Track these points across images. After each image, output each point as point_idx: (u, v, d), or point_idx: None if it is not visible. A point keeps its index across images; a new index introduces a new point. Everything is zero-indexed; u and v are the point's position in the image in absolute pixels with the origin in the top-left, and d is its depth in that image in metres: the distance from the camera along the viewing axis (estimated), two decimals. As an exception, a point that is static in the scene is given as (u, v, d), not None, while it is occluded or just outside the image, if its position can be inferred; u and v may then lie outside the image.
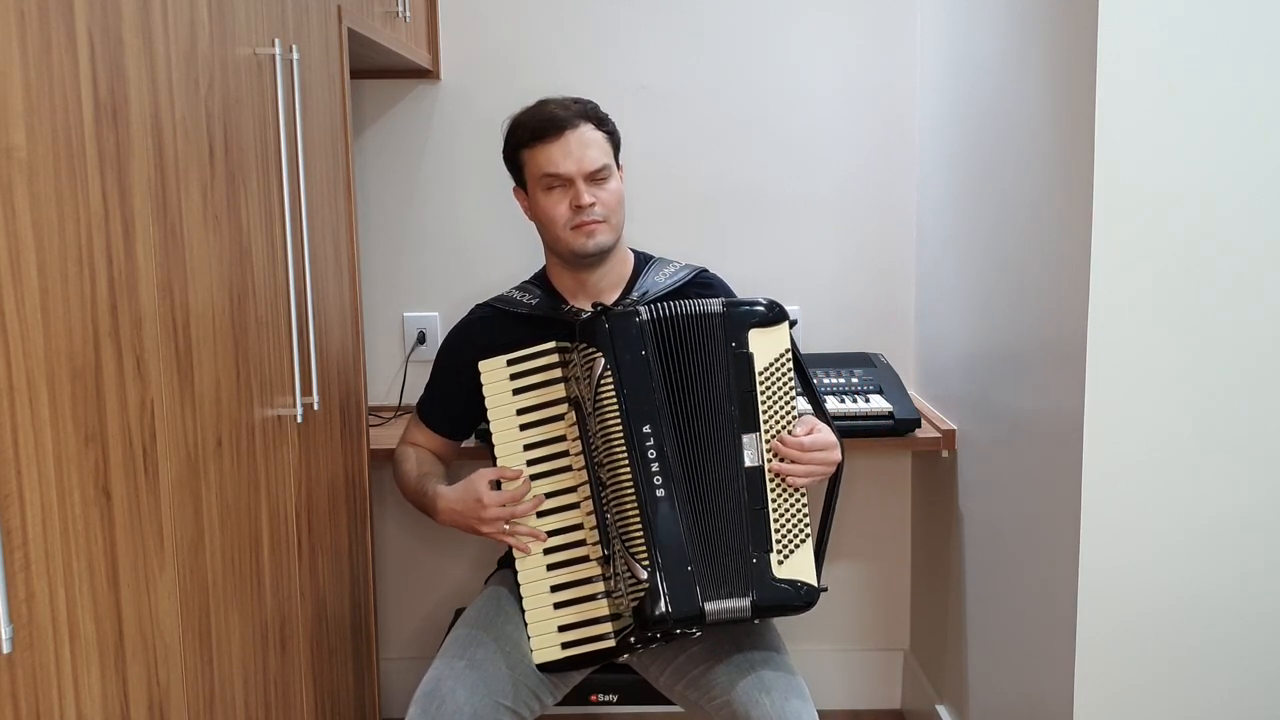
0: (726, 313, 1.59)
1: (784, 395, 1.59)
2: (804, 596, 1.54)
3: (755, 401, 1.57)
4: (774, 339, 1.59)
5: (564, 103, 1.72)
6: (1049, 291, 1.57)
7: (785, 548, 1.55)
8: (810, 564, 1.56)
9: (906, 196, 2.32)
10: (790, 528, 1.56)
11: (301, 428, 1.40)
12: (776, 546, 1.54)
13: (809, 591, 1.54)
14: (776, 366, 1.59)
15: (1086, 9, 1.40)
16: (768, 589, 1.53)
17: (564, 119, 1.69)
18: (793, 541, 1.56)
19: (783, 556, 1.54)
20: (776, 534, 1.54)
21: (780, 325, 1.60)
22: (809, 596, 1.54)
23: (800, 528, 1.57)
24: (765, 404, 1.57)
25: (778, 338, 1.60)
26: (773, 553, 1.54)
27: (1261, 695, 1.49)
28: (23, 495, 0.79)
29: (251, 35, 1.25)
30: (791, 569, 1.54)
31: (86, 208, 0.87)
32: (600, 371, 1.55)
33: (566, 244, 1.72)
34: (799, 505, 1.58)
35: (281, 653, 1.34)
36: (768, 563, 1.53)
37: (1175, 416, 1.44)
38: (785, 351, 1.60)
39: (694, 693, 1.61)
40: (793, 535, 1.56)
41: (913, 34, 2.28)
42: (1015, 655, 1.76)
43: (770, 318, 1.60)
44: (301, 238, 1.38)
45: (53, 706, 0.83)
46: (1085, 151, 1.41)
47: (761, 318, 1.59)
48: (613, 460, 1.55)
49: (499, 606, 1.68)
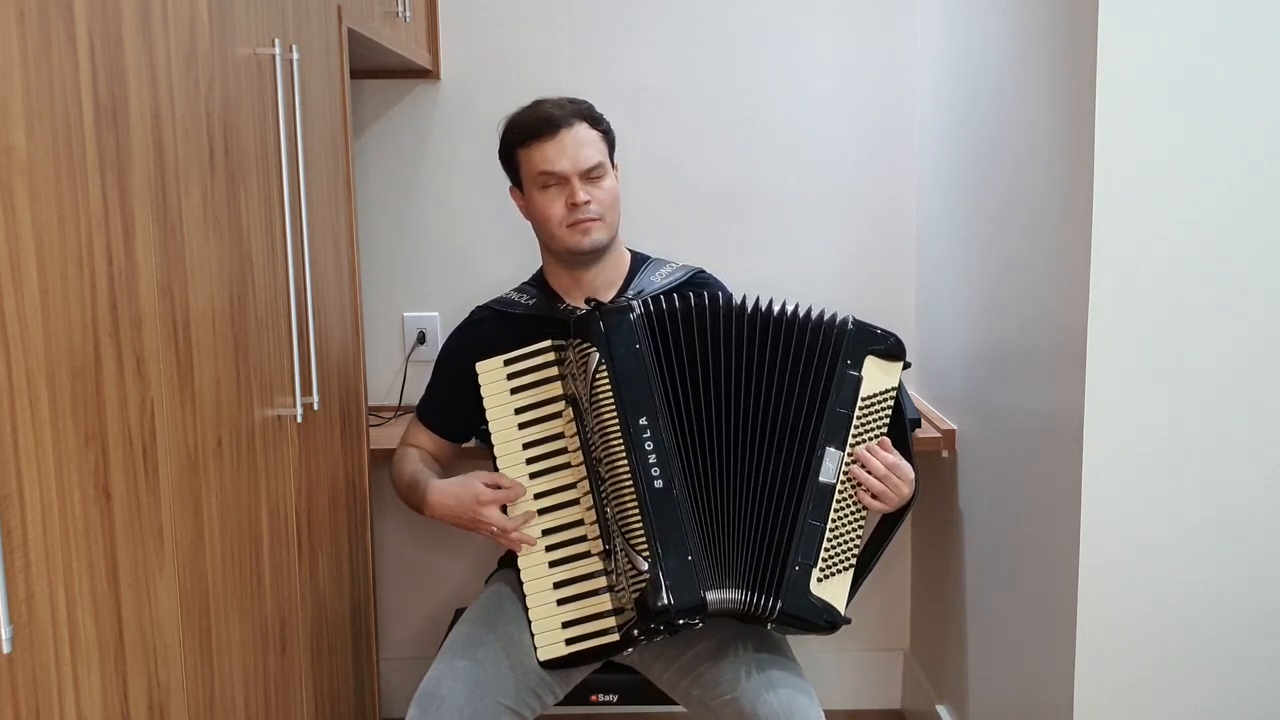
0: (855, 330, 1.59)
1: (876, 428, 1.59)
2: (828, 619, 1.53)
3: (849, 421, 1.57)
4: (886, 372, 1.60)
5: (559, 102, 1.73)
6: (1049, 291, 1.57)
7: (829, 569, 1.55)
8: (844, 592, 1.55)
9: (906, 196, 2.32)
10: (839, 551, 1.56)
11: (301, 428, 1.40)
12: (821, 564, 1.54)
13: (834, 616, 1.53)
14: (879, 399, 1.60)
15: (1087, 9, 1.40)
16: (800, 599, 1.52)
17: (559, 118, 1.70)
18: (837, 565, 1.55)
19: (823, 575, 1.54)
20: (825, 553, 1.54)
21: (896, 362, 1.61)
22: (833, 620, 1.53)
23: (848, 555, 1.57)
24: (856, 429, 1.57)
25: (890, 372, 1.60)
26: (815, 568, 1.53)
27: (1261, 695, 1.49)
28: (23, 495, 0.79)
29: (251, 35, 1.25)
30: (827, 590, 1.54)
31: (86, 208, 0.87)
32: (595, 366, 1.55)
33: (562, 242, 1.72)
34: (854, 533, 1.58)
35: (281, 653, 1.34)
36: (808, 576, 1.53)
37: (1175, 416, 1.44)
38: (891, 389, 1.61)
39: (699, 689, 1.61)
40: (839, 559, 1.56)
41: (913, 34, 2.28)
42: (1015, 655, 1.76)
43: (890, 351, 1.60)
44: (301, 238, 1.38)
45: (53, 706, 0.83)
46: (1085, 151, 1.41)
47: (884, 348, 1.60)
48: (610, 454, 1.55)
49: (499, 606, 1.68)
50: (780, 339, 1.58)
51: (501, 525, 1.59)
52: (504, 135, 1.77)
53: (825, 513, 1.54)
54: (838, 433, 1.56)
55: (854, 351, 1.58)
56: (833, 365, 1.57)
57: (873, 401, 1.59)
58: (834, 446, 1.56)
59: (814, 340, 1.58)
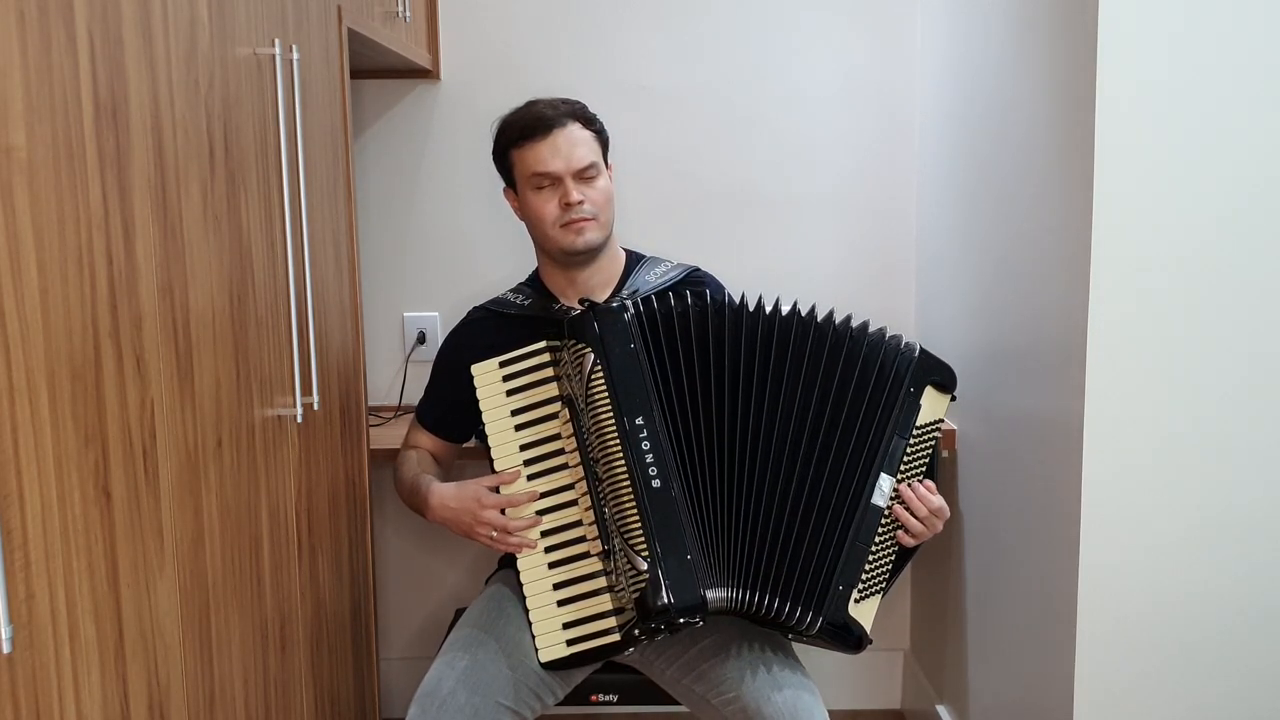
0: (921, 358, 1.60)
1: (923, 458, 1.61)
2: (857, 638, 1.54)
3: (904, 448, 1.58)
4: (938, 404, 1.62)
5: (552, 102, 1.74)
6: (1049, 291, 1.57)
7: (865, 592, 1.55)
8: (873, 615, 1.57)
9: (906, 196, 2.32)
10: (875, 576, 1.57)
11: (301, 428, 1.40)
12: (860, 586, 1.54)
13: (864, 638, 1.55)
14: (929, 429, 1.61)
15: (1087, 9, 1.40)
16: (839, 618, 1.53)
17: (551, 118, 1.70)
18: (872, 589, 1.56)
19: (859, 598, 1.55)
20: (865, 575, 1.55)
21: (947, 395, 1.63)
22: (861, 641, 1.55)
23: (882, 579, 1.58)
24: (908, 456, 1.58)
25: (940, 404, 1.62)
26: (855, 589, 1.54)
27: (1261, 694, 1.49)
28: (23, 495, 0.79)
29: (251, 35, 1.25)
30: (860, 612, 1.55)
31: (86, 208, 0.87)
32: (590, 367, 1.55)
33: (556, 242, 1.73)
34: (889, 558, 1.59)
35: (281, 653, 1.34)
36: (849, 597, 1.53)
37: (1175, 417, 1.44)
38: (939, 421, 1.63)
39: (702, 687, 1.61)
40: (874, 584, 1.57)
41: (913, 34, 2.28)
42: (1015, 655, 1.76)
43: (947, 381, 1.62)
44: (301, 238, 1.38)
45: (53, 706, 0.83)
46: (1085, 151, 1.41)
47: (942, 379, 1.62)
48: (607, 454, 1.55)
49: (500, 606, 1.68)
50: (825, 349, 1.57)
51: (503, 525, 1.59)
52: (497, 137, 1.77)
53: (871, 537, 1.55)
54: (893, 459, 1.57)
55: (917, 378, 1.59)
56: (895, 388, 1.58)
57: (924, 430, 1.60)
58: (888, 473, 1.57)
59: (883, 359, 1.58)
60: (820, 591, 1.53)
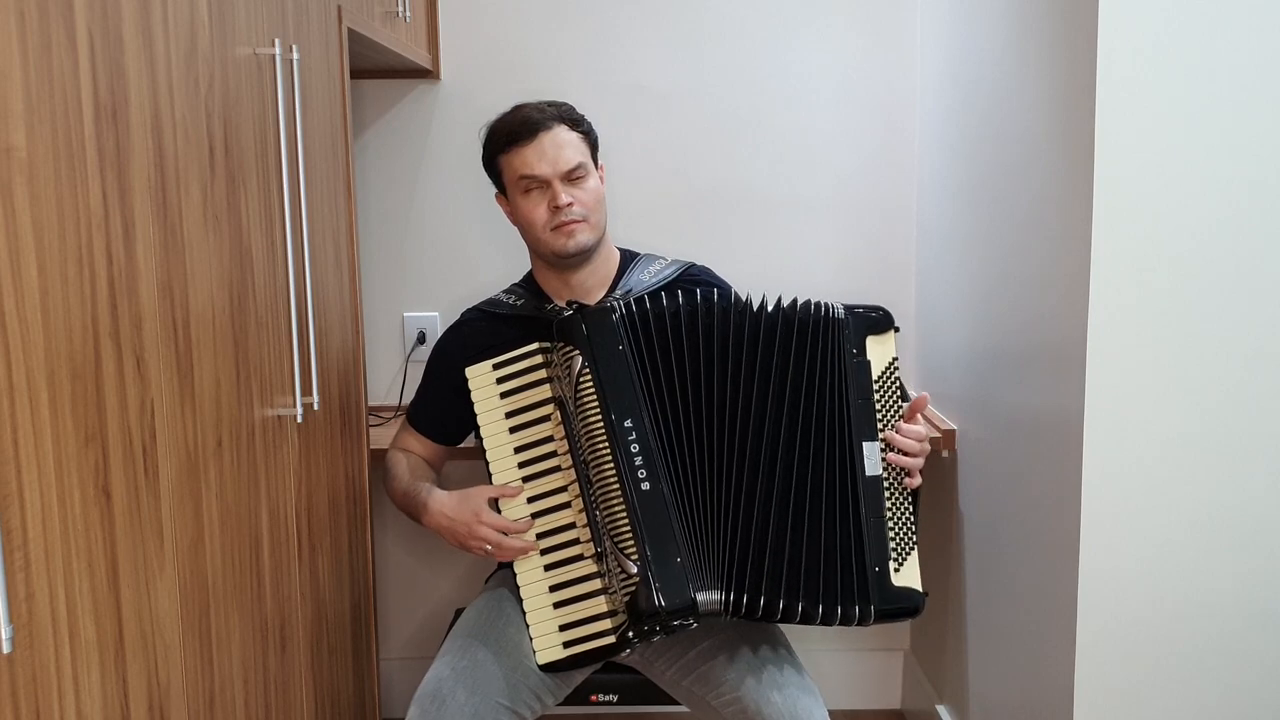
0: (847, 319, 1.57)
1: (895, 405, 1.59)
2: (915, 603, 1.53)
3: (873, 409, 1.56)
4: (886, 346, 1.59)
5: (538, 106, 1.74)
6: (1049, 291, 1.57)
7: (899, 557, 1.54)
8: (917, 570, 1.55)
9: (906, 197, 2.32)
10: (903, 536, 1.55)
11: (301, 428, 1.40)
12: (893, 556, 1.54)
13: (918, 599, 1.53)
14: (887, 375, 1.59)
15: (1087, 9, 1.40)
16: (889, 597, 1.52)
17: (537, 121, 1.70)
18: (905, 550, 1.55)
19: (898, 564, 1.54)
20: (893, 544, 1.54)
21: (889, 332, 1.60)
22: (917, 604, 1.53)
23: (910, 535, 1.57)
24: (880, 412, 1.57)
25: (886, 344, 1.60)
26: (891, 561, 1.53)
27: (1261, 695, 1.49)
28: (23, 495, 0.79)
29: (251, 35, 1.25)
30: (904, 577, 1.53)
31: (86, 208, 0.87)
32: (579, 369, 1.55)
33: (548, 245, 1.73)
34: (908, 513, 1.57)
35: (281, 653, 1.34)
36: (887, 572, 1.52)
37: (1175, 416, 1.44)
38: (894, 360, 1.60)
39: (702, 687, 1.61)
40: (905, 544, 1.55)
41: (913, 34, 2.28)
42: (1015, 655, 1.76)
43: (882, 323, 1.59)
44: (301, 238, 1.38)
45: (53, 706, 0.83)
46: (1085, 151, 1.41)
47: (875, 323, 1.59)
48: (597, 456, 1.54)
49: (499, 606, 1.68)
50: (776, 337, 1.56)
51: (497, 542, 1.59)
52: (485, 143, 1.76)
53: (880, 506, 1.54)
54: (867, 425, 1.55)
55: (854, 338, 1.57)
56: (839, 359, 1.56)
57: (883, 380, 1.58)
58: (867, 440, 1.55)
59: (813, 336, 1.56)
60: (859, 581, 1.51)
